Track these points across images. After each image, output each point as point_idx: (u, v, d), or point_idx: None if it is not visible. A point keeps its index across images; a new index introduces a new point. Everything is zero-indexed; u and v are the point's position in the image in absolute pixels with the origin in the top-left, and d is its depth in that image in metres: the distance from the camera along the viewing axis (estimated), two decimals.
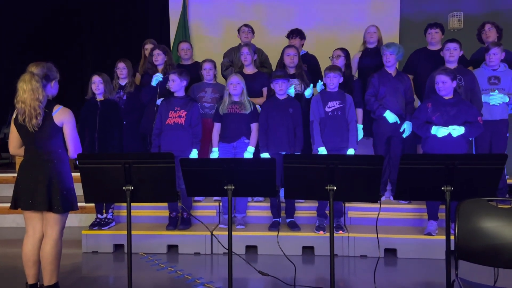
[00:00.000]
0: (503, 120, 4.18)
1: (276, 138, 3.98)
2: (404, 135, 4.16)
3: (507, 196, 4.30)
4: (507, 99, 4.09)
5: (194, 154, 4.00)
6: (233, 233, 2.75)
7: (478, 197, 2.27)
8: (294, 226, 4.03)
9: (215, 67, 4.57)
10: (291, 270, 3.21)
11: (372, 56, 4.60)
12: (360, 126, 4.22)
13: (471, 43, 4.83)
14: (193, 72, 4.56)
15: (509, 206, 2.25)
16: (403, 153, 4.20)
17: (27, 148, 2.79)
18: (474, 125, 3.70)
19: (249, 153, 4.06)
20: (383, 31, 5.49)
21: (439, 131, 3.66)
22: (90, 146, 4.10)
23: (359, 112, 4.27)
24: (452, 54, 4.09)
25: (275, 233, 3.74)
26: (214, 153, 4.14)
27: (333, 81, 3.96)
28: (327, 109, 3.97)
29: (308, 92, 4.25)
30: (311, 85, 4.29)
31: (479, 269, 2.31)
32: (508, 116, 4.24)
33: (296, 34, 4.77)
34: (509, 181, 4.43)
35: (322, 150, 3.92)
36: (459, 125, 3.67)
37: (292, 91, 4.20)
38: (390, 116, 4.12)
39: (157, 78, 4.39)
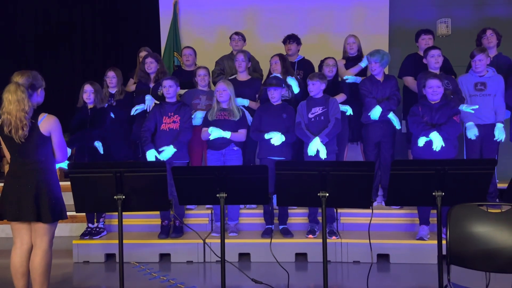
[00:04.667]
0: (493, 124, 4.23)
1: (268, 144, 3.98)
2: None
3: (497, 200, 4.34)
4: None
5: (169, 150, 3.93)
6: (226, 240, 2.74)
7: (469, 201, 2.28)
8: (287, 233, 4.03)
9: (209, 74, 4.58)
10: (285, 277, 3.20)
11: (354, 63, 4.65)
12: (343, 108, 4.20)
13: (459, 49, 4.90)
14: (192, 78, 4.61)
15: (499, 211, 2.27)
16: (393, 158, 4.24)
17: (13, 158, 2.76)
18: (449, 123, 3.71)
19: (225, 133, 3.97)
20: (373, 37, 5.56)
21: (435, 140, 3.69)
22: (80, 154, 4.08)
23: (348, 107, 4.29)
24: (437, 60, 4.19)
25: (268, 240, 3.73)
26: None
27: (312, 88, 3.98)
28: (310, 116, 3.97)
29: (295, 89, 4.26)
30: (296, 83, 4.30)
31: (471, 274, 2.33)
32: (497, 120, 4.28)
33: (293, 39, 4.81)
34: (499, 185, 4.46)
35: (316, 141, 3.85)
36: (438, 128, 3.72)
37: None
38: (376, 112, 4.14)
39: (149, 105, 4.39)
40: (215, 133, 3.98)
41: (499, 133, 4.13)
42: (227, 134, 3.98)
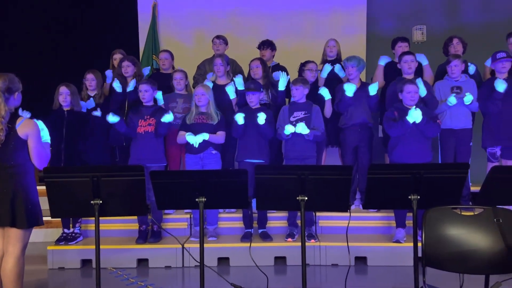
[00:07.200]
0: (467, 129, 4.34)
1: (247, 146, 3.99)
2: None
3: (470, 203, 4.44)
4: (471, 98, 4.16)
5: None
6: (205, 245, 2.72)
7: (443, 205, 2.34)
8: (266, 237, 4.04)
9: (186, 77, 4.56)
10: (264, 281, 3.20)
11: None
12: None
13: (434, 55, 5.01)
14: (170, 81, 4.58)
15: (472, 214, 2.33)
16: (371, 162, 4.30)
17: None
18: (431, 123, 3.81)
19: (203, 134, 3.94)
20: (351, 44, 5.64)
21: (413, 114, 3.69)
22: (56, 158, 3.99)
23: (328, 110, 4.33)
24: (410, 65, 4.29)
25: (247, 244, 3.72)
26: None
27: (296, 93, 4.03)
28: (292, 119, 4.01)
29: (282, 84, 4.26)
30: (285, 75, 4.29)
31: (445, 275, 2.38)
32: (471, 125, 4.40)
33: (267, 45, 4.84)
34: (472, 188, 4.58)
35: (288, 128, 3.86)
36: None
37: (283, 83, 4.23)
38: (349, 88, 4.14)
39: (118, 86, 4.39)
40: (193, 139, 3.94)
41: (451, 99, 4.13)
42: (205, 136, 3.95)
